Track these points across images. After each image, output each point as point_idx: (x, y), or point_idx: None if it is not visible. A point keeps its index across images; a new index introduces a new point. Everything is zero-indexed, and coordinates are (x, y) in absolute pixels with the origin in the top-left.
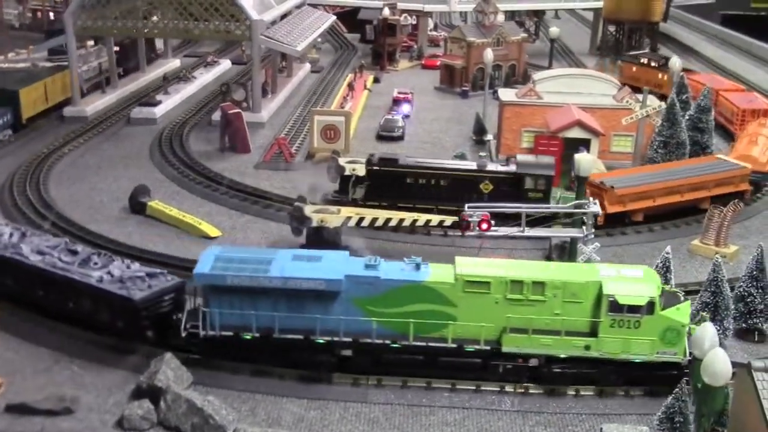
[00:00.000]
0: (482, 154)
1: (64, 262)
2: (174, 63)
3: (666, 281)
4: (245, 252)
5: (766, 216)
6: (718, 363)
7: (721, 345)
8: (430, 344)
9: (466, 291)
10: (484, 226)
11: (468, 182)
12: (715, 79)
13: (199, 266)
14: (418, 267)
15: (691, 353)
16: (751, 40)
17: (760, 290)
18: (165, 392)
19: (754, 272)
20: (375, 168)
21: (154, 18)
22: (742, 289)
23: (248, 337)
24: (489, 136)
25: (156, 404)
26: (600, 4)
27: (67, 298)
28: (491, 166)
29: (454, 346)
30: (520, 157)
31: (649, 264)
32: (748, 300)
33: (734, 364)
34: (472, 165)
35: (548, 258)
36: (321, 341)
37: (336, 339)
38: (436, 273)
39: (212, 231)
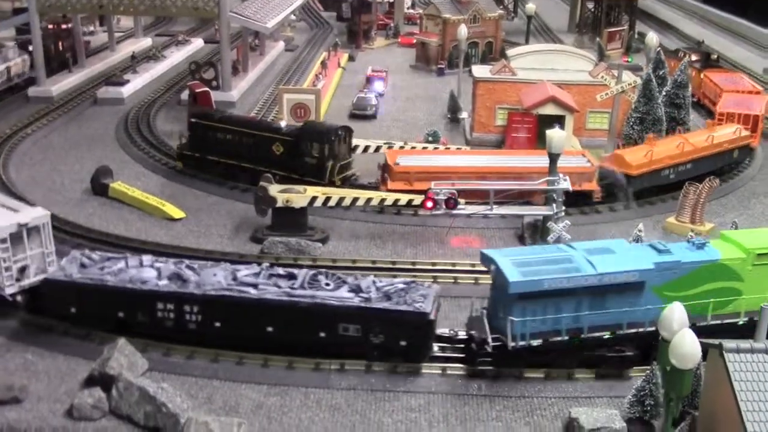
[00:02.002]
0: (279, 117)
1: (297, 288)
2: (145, 42)
3: None
4: (528, 253)
5: (741, 193)
6: (687, 345)
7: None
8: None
9: (755, 264)
10: (451, 204)
11: (264, 143)
12: (738, 79)
13: (508, 275)
14: (702, 246)
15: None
16: (730, 17)
17: None
18: (117, 380)
19: None
20: (193, 120)
21: None
22: None
23: (557, 341)
24: (463, 114)
25: (108, 392)
26: None
27: (319, 327)
28: (284, 129)
29: (746, 320)
30: (311, 122)
31: None
32: None
33: (706, 345)
34: (277, 126)
35: (521, 237)
36: (628, 335)
37: (641, 330)
38: (725, 250)
39: (176, 213)
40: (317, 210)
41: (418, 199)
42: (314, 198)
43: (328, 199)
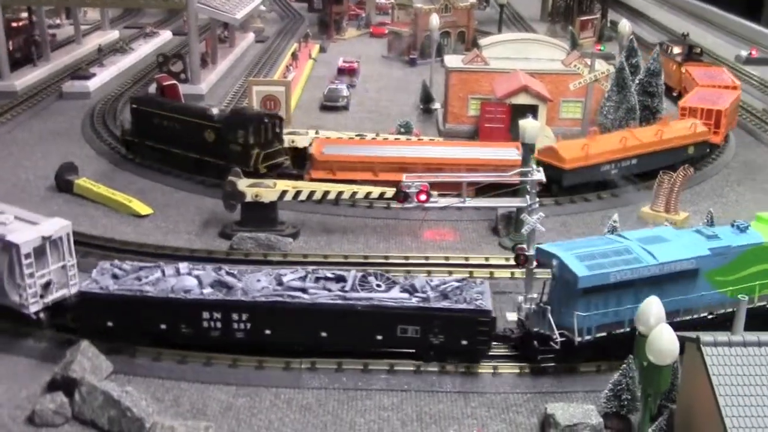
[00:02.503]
0: (211, 105)
1: (349, 291)
2: (112, 34)
3: None
4: (586, 246)
5: (716, 181)
6: (665, 340)
7: None
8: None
9: None
10: (423, 197)
11: (196, 129)
12: (718, 73)
13: (576, 270)
14: (745, 229)
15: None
16: (701, 5)
17: None
18: (80, 384)
19: None
20: (134, 106)
21: None
22: None
23: (619, 333)
24: (436, 105)
25: (71, 397)
26: None
27: (376, 330)
28: (215, 115)
29: None
30: (239, 108)
31: (598, 233)
32: None
33: (683, 338)
34: (209, 113)
35: (494, 229)
36: (683, 322)
37: (696, 317)
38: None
39: (143, 209)
40: (288, 204)
41: (390, 192)
42: (284, 192)
43: (298, 193)
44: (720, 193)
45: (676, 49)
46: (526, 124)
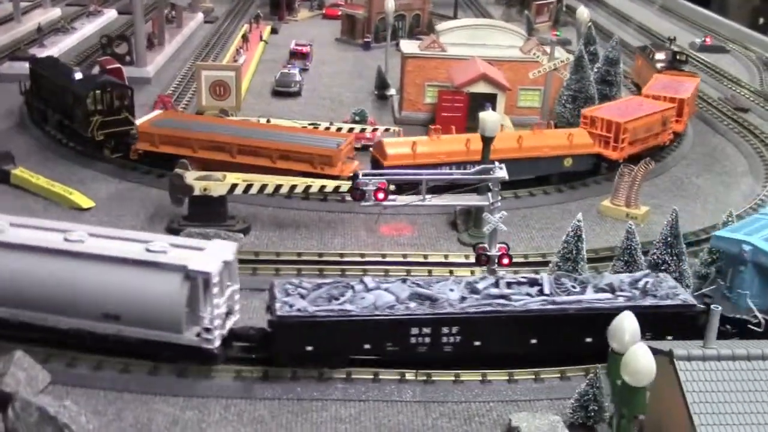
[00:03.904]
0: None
1: (550, 294)
2: (53, 12)
3: (577, 251)
4: (756, 226)
5: (674, 174)
6: (641, 361)
7: None
8: None
9: None
10: (381, 195)
11: (63, 93)
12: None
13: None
14: None
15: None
16: None
17: (674, 257)
18: (14, 398)
19: (669, 238)
20: (30, 67)
21: None
22: (656, 257)
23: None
24: (392, 91)
25: (3, 413)
26: None
27: (586, 333)
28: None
29: None
30: (92, 75)
31: (559, 227)
32: (662, 268)
33: (654, 351)
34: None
35: (453, 224)
36: None
37: None
38: None
39: (84, 201)
40: (238, 196)
41: (345, 186)
42: (234, 185)
43: (249, 186)
44: (679, 185)
45: (659, 55)
46: (487, 116)
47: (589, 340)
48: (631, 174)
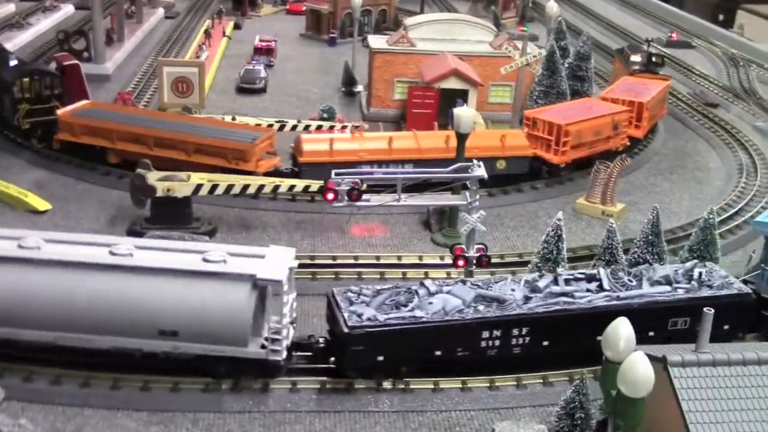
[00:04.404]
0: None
1: (611, 290)
2: (8, 7)
3: (558, 251)
4: None
5: (647, 170)
6: (639, 371)
7: None
8: None
9: None
10: (354, 195)
11: (1, 83)
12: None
13: None
14: None
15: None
16: None
17: (655, 256)
18: None
19: (650, 237)
20: None
21: None
22: (636, 255)
23: None
24: (359, 87)
25: None
26: None
27: (649, 327)
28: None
29: None
30: (25, 62)
31: (534, 225)
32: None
33: (647, 356)
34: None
35: (426, 223)
36: None
37: None
38: None
39: (40, 204)
40: (204, 197)
41: (315, 186)
42: (199, 186)
43: (215, 186)
44: (653, 182)
45: (635, 57)
46: (461, 112)
47: (651, 334)
48: (606, 171)
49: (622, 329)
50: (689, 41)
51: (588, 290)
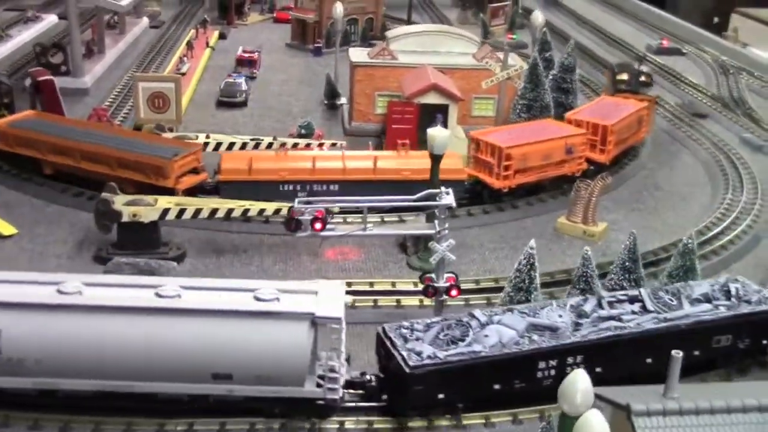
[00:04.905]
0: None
1: (657, 311)
2: None
3: (530, 280)
4: None
5: (633, 185)
6: (595, 429)
7: None
8: None
9: None
10: (318, 225)
11: None
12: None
13: None
14: None
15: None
16: None
17: (632, 283)
18: None
19: (626, 263)
20: None
21: None
22: (613, 282)
23: None
24: (342, 100)
25: None
26: None
27: (693, 346)
28: None
29: None
30: None
31: (513, 246)
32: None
33: (610, 402)
34: None
35: (403, 246)
36: None
37: None
38: None
39: (6, 228)
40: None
41: (285, 209)
42: (166, 210)
43: (182, 211)
44: (638, 198)
45: (622, 76)
46: (435, 133)
47: (696, 353)
48: (587, 189)
49: (579, 382)
50: (680, 48)
51: (633, 312)
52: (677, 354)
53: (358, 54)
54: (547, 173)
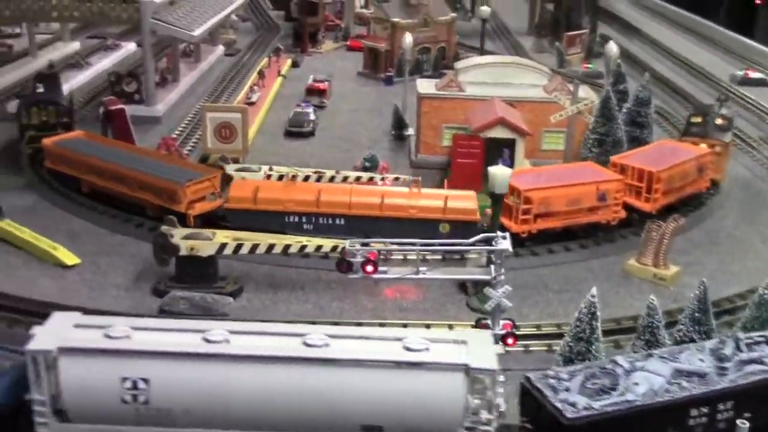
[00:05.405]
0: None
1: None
2: (73, 46)
3: (592, 330)
4: None
5: (709, 226)
6: None
7: None
8: None
9: None
10: (369, 268)
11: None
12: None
13: None
14: None
15: None
16: (698, 19)
17: (702, 335)
18: None
19: (696, 314)
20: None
21: None
22: (681, 334)
23: None
24: (410, 131)
25: None
26: None
27: None
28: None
29: None
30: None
31: (579, 290)
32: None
33: None
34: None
35: (462, 286)
36: None
37: None
38: None
39: (69, 258)
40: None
41: (342, 244)
42: (223, 245)
43: (239, 246)
44: (715, 239)
45: (696, 119)
46: (497, 171)
47: None
48: (659, 231)
49: None
50: (766, 79)
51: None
52: (743, 425)
53: (425, 85)
54: (574, 219)
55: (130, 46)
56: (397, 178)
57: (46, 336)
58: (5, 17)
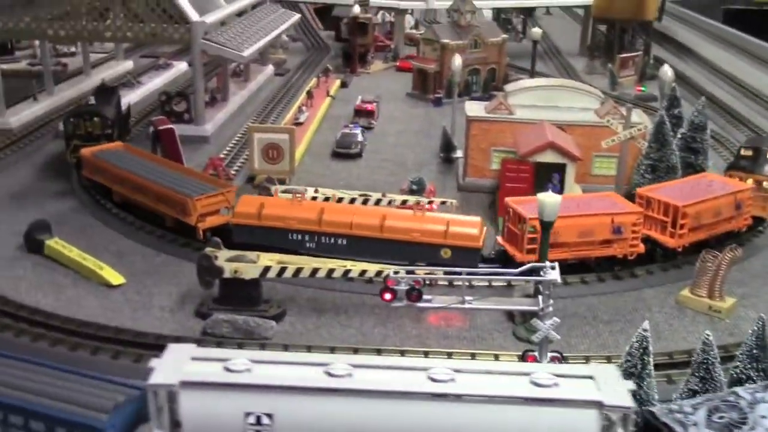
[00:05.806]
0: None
1: None
2: (126, 65)
3: (643, 366)
4: None
5: (766, 256)
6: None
7: None
8: None
9: None
10: (414, 296)
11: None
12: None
13: None
14: None
15: None
16: (752, 39)
17: (761, 373)
18: None
19: (754, 350)
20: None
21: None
22: (738, 371)
23: None
24: (458, 153)
25: None
26: (590, 0)
27: None
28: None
29: None
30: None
31: (630, 320)
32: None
33: None
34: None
35: (510, 314)
36: None
37: None
38: None
39: (114, 278)
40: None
41: (388, 271)
42: (267, 268)
43: (283, 269)
44: None
45: (747, 152)
46: (546, 198)
47: None
48: (714, 261)
49: None
50: None
51: None
52: None
53: (474, 107)
54: (587, 252)
55: (181, 66)
56: (444, 202)
57: (165, 369)
58: (61, 37)
